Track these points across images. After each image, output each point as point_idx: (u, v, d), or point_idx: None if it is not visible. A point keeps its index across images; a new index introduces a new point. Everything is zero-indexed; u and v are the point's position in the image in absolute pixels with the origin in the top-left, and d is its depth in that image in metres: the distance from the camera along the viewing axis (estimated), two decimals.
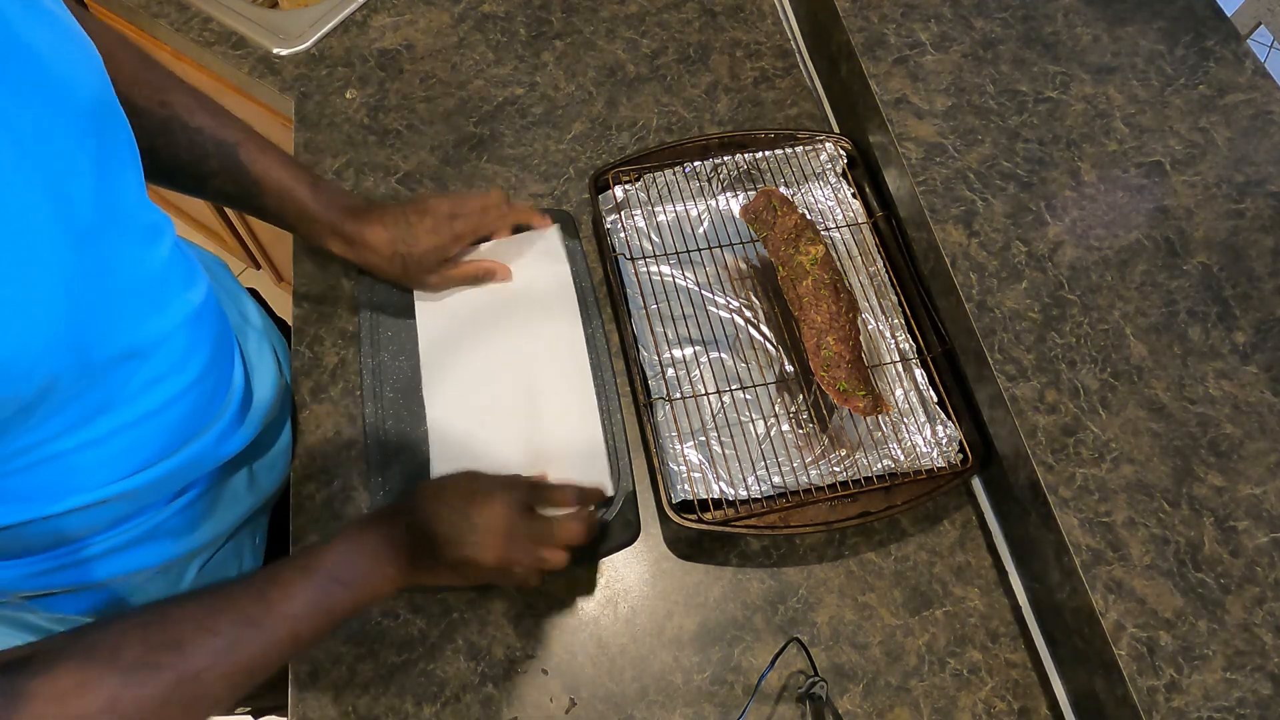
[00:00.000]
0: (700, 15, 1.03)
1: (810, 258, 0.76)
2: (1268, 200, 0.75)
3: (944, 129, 0.79)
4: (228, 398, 0.64)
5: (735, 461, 0.73)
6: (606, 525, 0.70)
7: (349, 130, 0.93)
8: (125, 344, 0.51)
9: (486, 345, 0.77)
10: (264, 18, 1.02)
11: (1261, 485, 0.63)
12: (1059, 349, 0.68)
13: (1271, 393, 0.66)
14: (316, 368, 0.80)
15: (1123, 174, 0.77)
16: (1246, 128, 0.79)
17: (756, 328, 0.81)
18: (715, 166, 0.87)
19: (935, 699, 0.67)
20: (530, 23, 1.02)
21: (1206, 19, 0.86)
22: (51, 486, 0.52)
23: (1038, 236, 0.73)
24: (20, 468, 0.49)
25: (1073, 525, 0.62)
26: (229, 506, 0.68)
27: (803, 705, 0.67)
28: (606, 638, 0.69)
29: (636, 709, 0.66)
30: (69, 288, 0.44)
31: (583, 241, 0.86)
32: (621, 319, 0.79)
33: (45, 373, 0.44)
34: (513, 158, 0.92)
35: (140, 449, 0.56)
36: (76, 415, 0.49)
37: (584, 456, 0.72)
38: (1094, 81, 0.82)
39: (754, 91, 0.97)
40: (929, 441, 0.75)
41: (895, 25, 0.85)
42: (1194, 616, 0.59)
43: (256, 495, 0.70)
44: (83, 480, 0.53)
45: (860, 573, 0.72)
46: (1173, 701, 0.56)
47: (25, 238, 0.41)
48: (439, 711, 0.66)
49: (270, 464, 0.72)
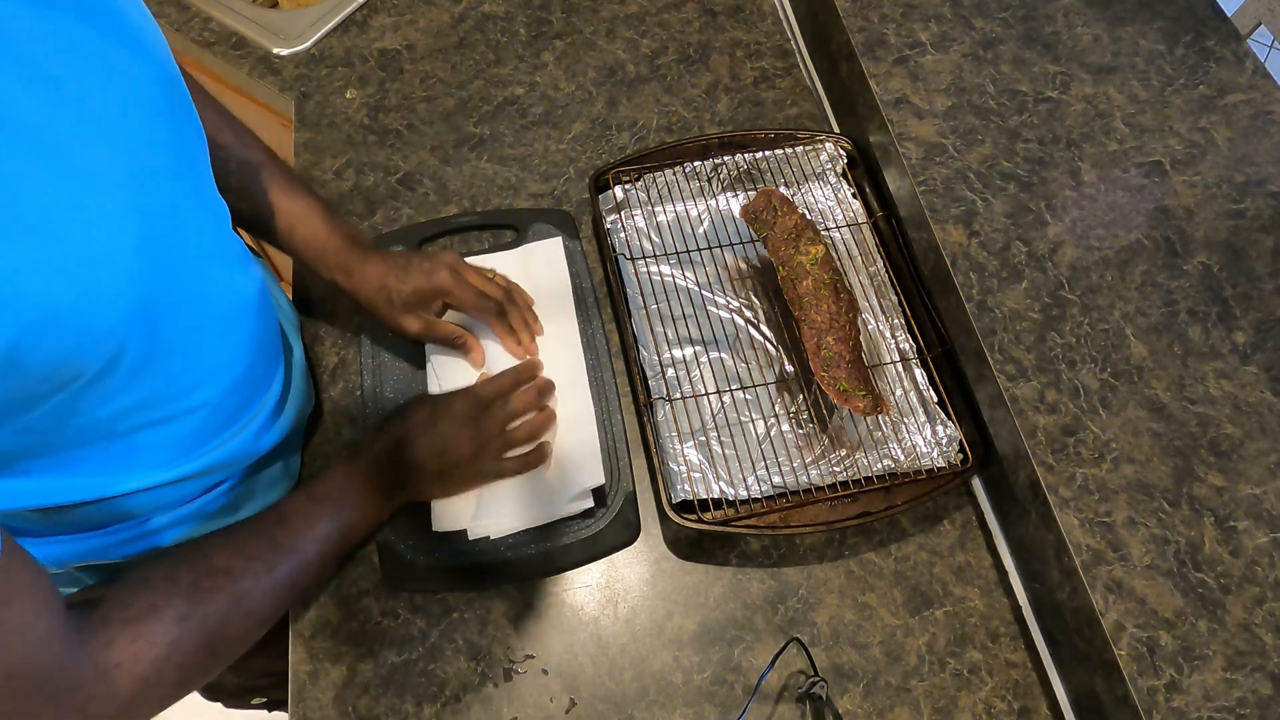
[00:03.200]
0: (700, 15, 1.03)
1: (810, 258, 0.75)
2: (1268, 200, 0.75)
3: (944, 129, 0.79)
4: (270, 390, 0.66)
5: (735, 461, 0.73)
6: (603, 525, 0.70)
7: (349, 130, 0.93)
8: (189, 320, 0.52)
9: (488, 346, 0.77)
10: (264, 18, 1.02)
11: (1261, 485, 0.63)
12: (1059, 349, 0.68)
13: (1271, 393, 0.66)
14: (317, 368, 0.80)
15: (1123, 174, 0.77)
16: (1246, 128, 0.79)
17: (756, 328, 0.81)
18: (715, 166, 0.87)
19: (935, 699, 0.67)
20: (530, 23, 1.02)
21: (1206, 19, 0.86)
22: (117, 464, 0.54)
23: (1038, 236, 0.73)
24: (88, 442, 0.50)
25: (1073, 525, 0.62)
26: (266, 491, 0.70)
27: (803, 705, 0.67)
28: (606, 638, 0.69)
29: (636, 709, 0.66)
30: (142, 255, 0.45)
31: (583, 241, 0.86)
32: (621, 319, 0.79)
33: (117, 339, 0.45)
34: (513, 158, 0.92)
35: (199, 433, 0.58)
36: (144, 394, 0.51)
37: (580, 456, 0.72)
38: (1094, 81, 0.81)
39: (754, 91, 0.97)
40: (929, 441, 0.75)
41: (895, 25, 0.85)
42: (1194, 616, 0.59)
43: (288, 483, 0.73)
44: (146, 460, 0.56)
45: (860, 573, 0.72)
46: (1173, 701, 0.56)
47: (108, 203, 0.43)
48: (439, 711, 0.66)
49: (299, 455, 0.74)
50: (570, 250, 0.83)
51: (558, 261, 0.82)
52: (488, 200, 0.89)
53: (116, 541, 0.60)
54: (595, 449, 0.73)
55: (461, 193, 0.89)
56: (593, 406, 0.75)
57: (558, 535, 0.70)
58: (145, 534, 0.61)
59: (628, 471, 0.73)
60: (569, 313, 0.80)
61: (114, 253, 0.43)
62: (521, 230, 0.85)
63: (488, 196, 0.89)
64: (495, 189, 0.90)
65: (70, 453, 0.50)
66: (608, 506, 0.72)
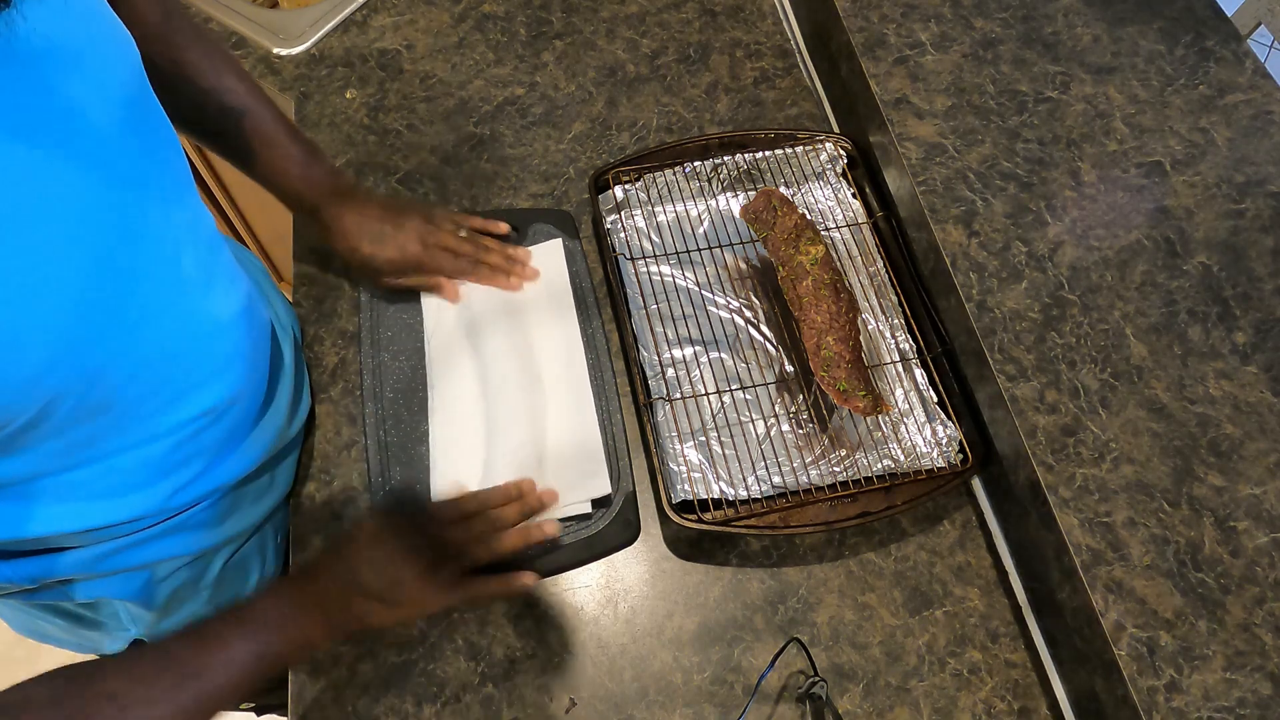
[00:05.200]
0: (700, 15, 1.03)
1: (810, 258, 0.75)
2: (1268, 200, 0.75)
3: (944, 129, 0.79)
4: (256, 406, 0.65)
5: (735, 461, 0.73)
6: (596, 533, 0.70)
7: (349, 130, 0.93)
8: (149, 349, 0.51)
9: (488, 346, 0.77)
10: (264, 18, 1.02)
11: (1261, 485, 0.63)
12: (1059, 349, 0.68)
13: (1271, 393, 0.66)
14: (316, 368, 0.80)
15: (1123, 174, 0.77)
16: (1246, 128, 0.79)
17: (756, 328, 0.81)
18: (715, 166, 0.87)
19: (935, 699, 0.67)
20: (530, 23, 1.01)
21: (1206, 19, 0.86)
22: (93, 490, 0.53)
23: (1038, 236, 0.73)
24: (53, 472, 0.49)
25: (1073, 525, 0.62)
26: (252, 504, 0.69)
27: (803, 705, 0.67)
28: (606, 638, 0.69)
29: (636, 709, 0.66)
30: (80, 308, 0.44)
31: (583, 241, 0.86)
32: (621, 319, 0.79)
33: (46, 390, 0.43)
34: (513, 158, 0.92)
35: (181, 455, 0.58)
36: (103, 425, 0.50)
37: (582, 457, 0.72)
38: (1094, 81, 0.81)
39: (754, 91, 0.97)
40: (929, 441, 0.75)
41: (895, 25, 0.85)
42: (1194, 616, 0.59)
43: (275, 494, 0.72)
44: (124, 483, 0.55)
45: (860, 573, 0.72)
46: (1173, 701, 0.56)
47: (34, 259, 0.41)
48: (439, 711, 0.66)
49: (288, 465, 0.74)
50: (570, 250, 0.83)
51: (558, 261, 0.82)
52: (488, 200, 0.89)
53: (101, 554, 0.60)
54: (600, 456, 0.72)
55: (461, 193, 0.89)
56: (593, 407, 0.75)
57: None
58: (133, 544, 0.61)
59: (628, 471, 0.73)
60: (569, 313, 0.79)
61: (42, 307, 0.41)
62: (521, 230, 0.85)
63: (488, 196, 0.89)
64: (495, 189, 0.90)
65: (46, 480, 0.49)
66: (608, 507, 0.72)
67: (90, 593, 0.64)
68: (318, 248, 0.86)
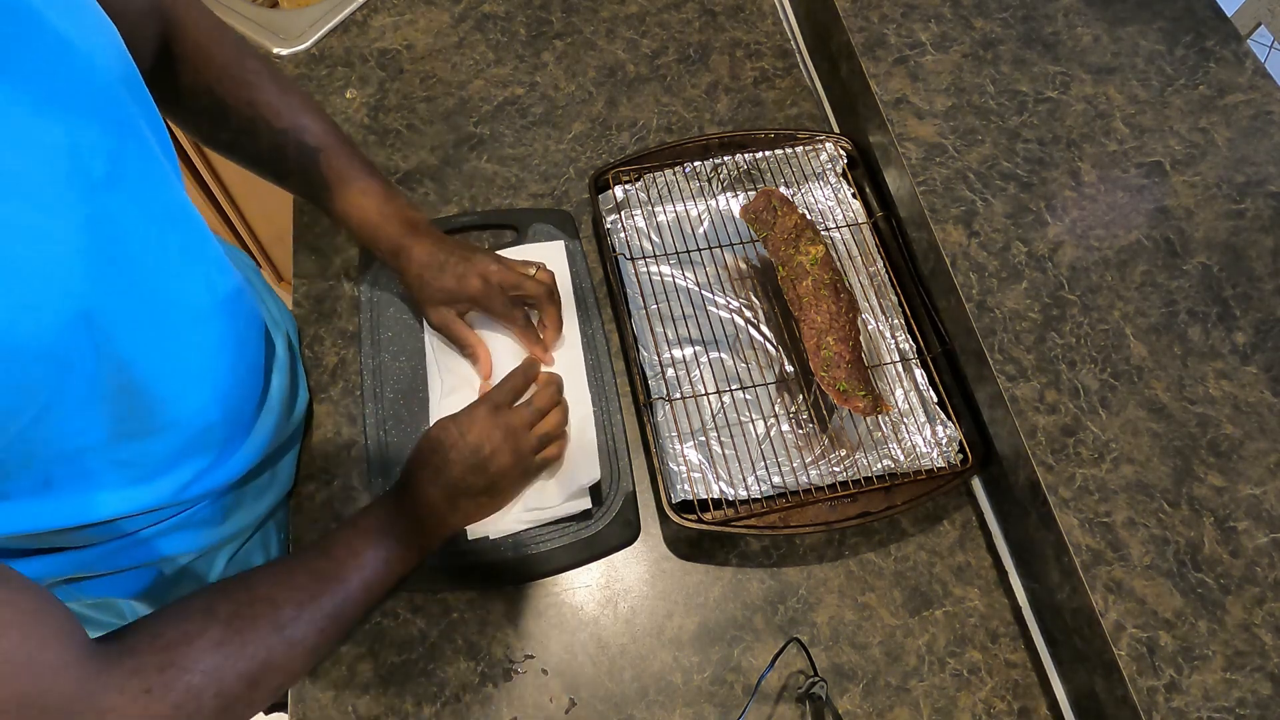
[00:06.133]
0: (700, 15, 1.03)
1: (810, 258, 0.75)
2: (1268, 200, 0.75)
3: (944, 129, 0.79)
4: (253, 401, 0.65)
5: (735, 461, 0.73)
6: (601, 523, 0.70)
7: (349, 130, 0.93)
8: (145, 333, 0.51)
9: (488, 345, 0.77)
10: (264, 18, 1.02)
11: (1261, 485, 0.63)
12: (1059, 349, 0.68)
13: (1271, 393, 0.66)
14: (316, 368, 0.80)
15: (1123, 174, 0.77)
16: (1246, 128, 0.79)
17: (756, 328, 0.81)
18: (715, 166, 0.87)
19: (935, 699, 0.67)
20: (530, 23, 1.02)
21: (1206, 19, 0.86)
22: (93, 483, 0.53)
23: (1038, 236, 0.73)
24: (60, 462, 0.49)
25: (1073, 525, 0.62)
26: (254, 500, 0.69)
27: (803, 705, 0.67)
28: (606, 638, 0.69)
29: (636, 709, 0.66)
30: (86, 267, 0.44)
31: (583, 241, 0.86)
32: (621, 319, 0.79)
33: (59, 356, 0.43)
34: (513, 158, 0.92)
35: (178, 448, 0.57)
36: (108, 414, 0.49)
37: (575, 449, 0.73)
38: (1094, 81, 0.81)
39: (754, 91, 0.97)
40: (929, 441, 0.75)
41: (895, 25, 0.85)
42: (1194, 617, 0.59)
43: (277, 490, 0.72)
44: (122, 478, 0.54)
45: (860, 573, 0.72)
46: (1173, 702, 0.56)
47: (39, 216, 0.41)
48: (439, 711, 0.66)
49: (289, 461, 0.74)
50: (570, 250, 0.84)
51: (558, 262, 0.82)
52: (488, 200, 0.89)
53: (107, 552, 0.60)
54: (592, 447, 0.73)
55: (461, 193, 0.89)
56: (592, 406, 0.75)
57: (558, 535, 0.70)
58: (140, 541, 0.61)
59: (627, 471, 0.73)
60: (569, 313, 0.80)
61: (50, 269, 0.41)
62: (521, 230, 0.85)
63: (488, 196, 0.89)
64: (495, 189, 0.90)
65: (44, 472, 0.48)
66: (607, 506, 0.72)
67: (97, 592, 0.64)
68: (318, 248, 0.86)
